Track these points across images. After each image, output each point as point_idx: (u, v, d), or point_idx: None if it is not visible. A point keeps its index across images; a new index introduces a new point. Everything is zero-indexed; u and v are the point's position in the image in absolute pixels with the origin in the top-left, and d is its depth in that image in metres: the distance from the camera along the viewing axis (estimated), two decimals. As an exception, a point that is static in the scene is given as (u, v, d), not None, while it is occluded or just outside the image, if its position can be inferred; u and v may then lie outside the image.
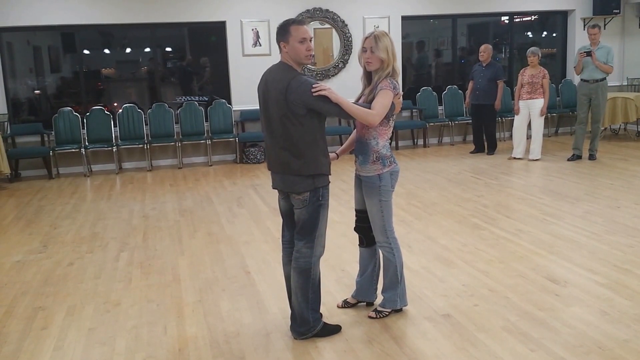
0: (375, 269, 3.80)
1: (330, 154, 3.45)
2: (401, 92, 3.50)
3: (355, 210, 3.78)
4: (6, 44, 9.03)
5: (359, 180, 3.63)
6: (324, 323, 3.50)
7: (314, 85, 3.13)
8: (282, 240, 3.55)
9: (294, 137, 3.20)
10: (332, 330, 3.50)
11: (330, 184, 3.41)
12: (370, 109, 3.32)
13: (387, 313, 3.69)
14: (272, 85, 3.25)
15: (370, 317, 3.68)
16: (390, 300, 3.69)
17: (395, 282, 3.65)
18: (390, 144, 3.57)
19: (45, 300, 4.16)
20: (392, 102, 3.40)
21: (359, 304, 3.88)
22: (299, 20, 3.25)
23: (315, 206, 3.30)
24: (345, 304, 3.88)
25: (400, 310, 3.73)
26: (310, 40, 3.24)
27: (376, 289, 3.84)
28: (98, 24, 9.09)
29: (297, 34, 3.18)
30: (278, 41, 3.26)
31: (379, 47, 3.39)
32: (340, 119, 9.08)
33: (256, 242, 5.29)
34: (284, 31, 3.22)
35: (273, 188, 3.47)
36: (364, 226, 3.72)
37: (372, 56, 3.42)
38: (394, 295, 3.67)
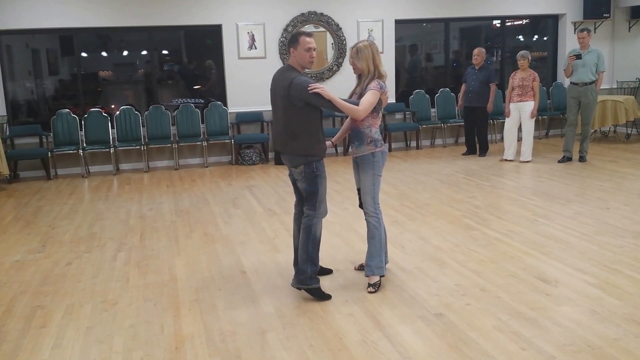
0: (382, 239, 4.23)
1: (326, 141, 4.13)
2: (387, 90, 4.09)
3: (358, 189, 4.28)
4: (5, 46, 9.08)
5: (356, 163, 4.20)
6: (319, 287, 4.03)
7: (310, 84, 3.83)
8: (295, 211, 4.30)
9: (293, 124, 3.95)
10: (324, 295, 4.03)
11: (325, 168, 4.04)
12: (358, 105, 3.95)
13: (379, 282, 4.13)
14: (279, 82, 4.00)
15: (369, 292, 4.09)
16: (377, 267, 4.14)
17: (379, 249, 4.14)
18: (384, 137, 3.92)
19: (44, 299, 4.20)
20: (380, 99, 4.00)
21: None
22: (307, 33, 4.03)
23: (312, 177, 3.99)
24: (361, 267, 4.45)
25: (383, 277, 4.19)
26: (314, 50, 3.95)
27: (386, 255, 4.34)
28: (96, 27, 9.13)
29: (304, 44, 3.92)
30: (288, 47, 4.01)
31: (359, 57, 4.03)
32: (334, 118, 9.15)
33: (251, 243, 5.34)
34: (294, 39, 3.96)
35: (276, 164, 4.22)
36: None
37: (354, 64, 4.07)
38: (379, 262, 4.14)
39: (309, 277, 4.00)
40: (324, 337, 3.47)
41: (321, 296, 4.02)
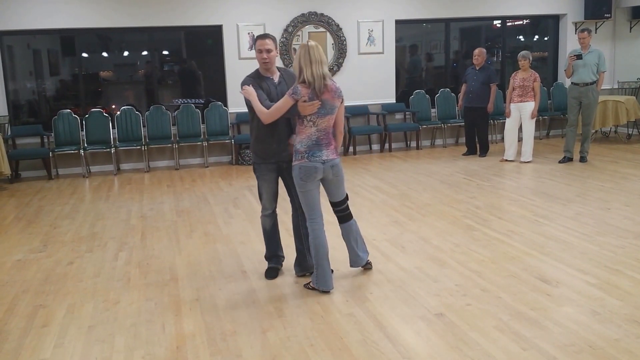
0: (356, 240, 4.31)
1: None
2: (303, 97, 3.80)
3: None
4: (7, 47, 9.08)
5: None
6: (268, 268, 4.49)
7: (243, 85, 4.04)
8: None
9: (249, 122, 4.25)
10: (267, 275, 4.44)
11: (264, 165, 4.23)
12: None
13: (310, 287, 4.16)
14: None
15: (304, 285, 4.23)
16: (313, 276, 4.13)
17: (315, 261, 4.06)
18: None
19: (45, 298, 4.21)
20: (296, 105, 3.81)
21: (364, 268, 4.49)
22: (261, 36, 4.16)
23: (256, 177, 4.35)
24: (365, 266, 4.50)
25: (326, 292, 4.09)
26: (269, 52, 4.07)
27: (362, 254, 4.37)
28: (97, 27, 9.15)
29: (256, 46, 4.12)
30: None
31: (294, 58, 3.95)
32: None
33: (252, 242, 5.35)
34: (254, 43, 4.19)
35: None
36: (334, 209, 4.27)
37: None
38: (314, 275, 4.11)
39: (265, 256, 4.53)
40: (324, 336, 3.47)
41: (267, 275, 4.44)
